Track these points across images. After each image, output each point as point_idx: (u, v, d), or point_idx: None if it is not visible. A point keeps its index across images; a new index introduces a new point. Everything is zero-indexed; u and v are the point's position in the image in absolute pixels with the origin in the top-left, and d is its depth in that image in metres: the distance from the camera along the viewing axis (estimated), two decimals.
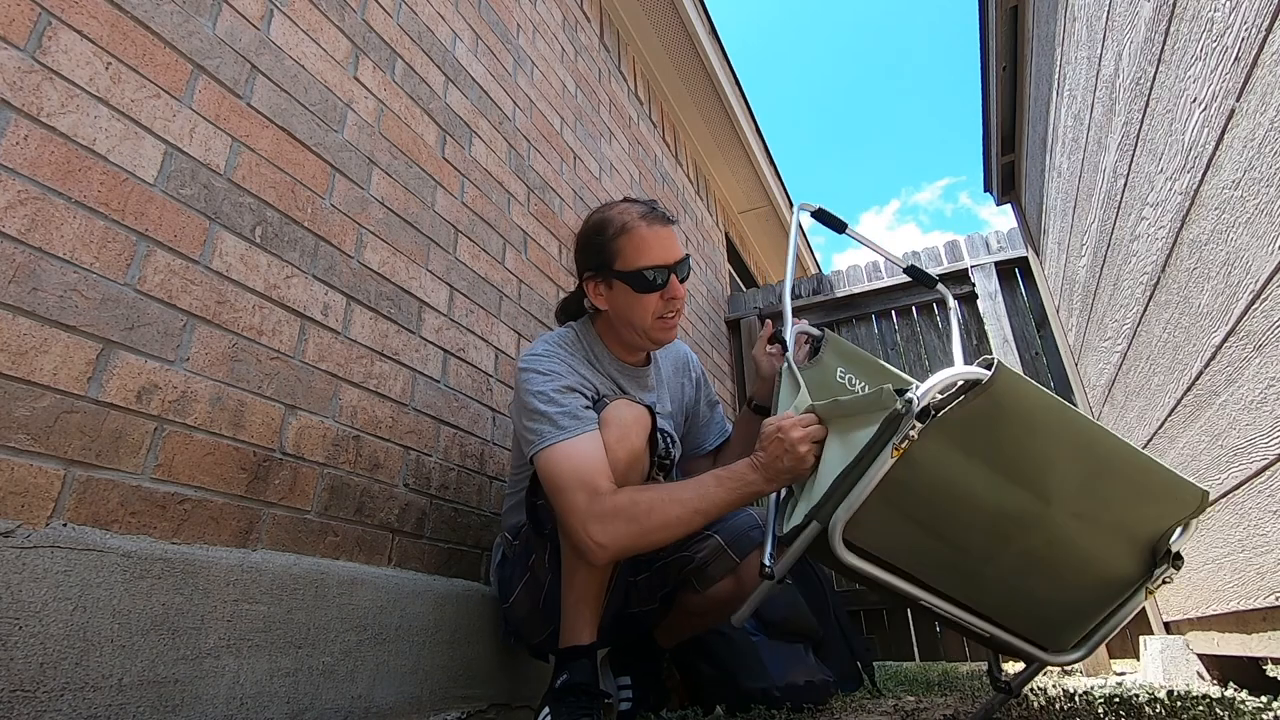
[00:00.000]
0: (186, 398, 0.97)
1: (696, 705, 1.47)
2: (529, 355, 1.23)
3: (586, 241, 1.27)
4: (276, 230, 1.17)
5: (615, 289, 1.23)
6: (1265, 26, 0.85)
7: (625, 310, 1.24)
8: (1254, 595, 1.20)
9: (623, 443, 1.10)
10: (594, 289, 1.27)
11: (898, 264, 1.71)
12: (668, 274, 1.21)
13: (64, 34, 0.90)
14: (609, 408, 1.14)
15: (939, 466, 0.86)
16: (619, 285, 1.22)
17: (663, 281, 1.21)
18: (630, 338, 1.28)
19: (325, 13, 1.39)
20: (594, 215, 1.30)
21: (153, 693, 0.83)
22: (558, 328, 1.39)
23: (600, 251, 1.23)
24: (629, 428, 1.12)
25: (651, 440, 1.16)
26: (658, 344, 1.31)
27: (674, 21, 3.39)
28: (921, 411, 0.80)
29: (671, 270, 1.22)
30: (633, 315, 1.24)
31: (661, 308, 1.23)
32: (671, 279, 1.22)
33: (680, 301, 1.24)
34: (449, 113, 1.75)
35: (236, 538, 1.00)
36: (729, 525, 1.27)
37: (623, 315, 1.25)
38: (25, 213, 0.83)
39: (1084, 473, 0.85)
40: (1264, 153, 0.90)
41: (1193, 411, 1.36)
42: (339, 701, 1.06)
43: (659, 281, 1.21)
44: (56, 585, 0.76)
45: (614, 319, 1.28)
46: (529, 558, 1.25)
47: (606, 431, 1.11)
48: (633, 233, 1.21)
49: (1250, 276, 1.00)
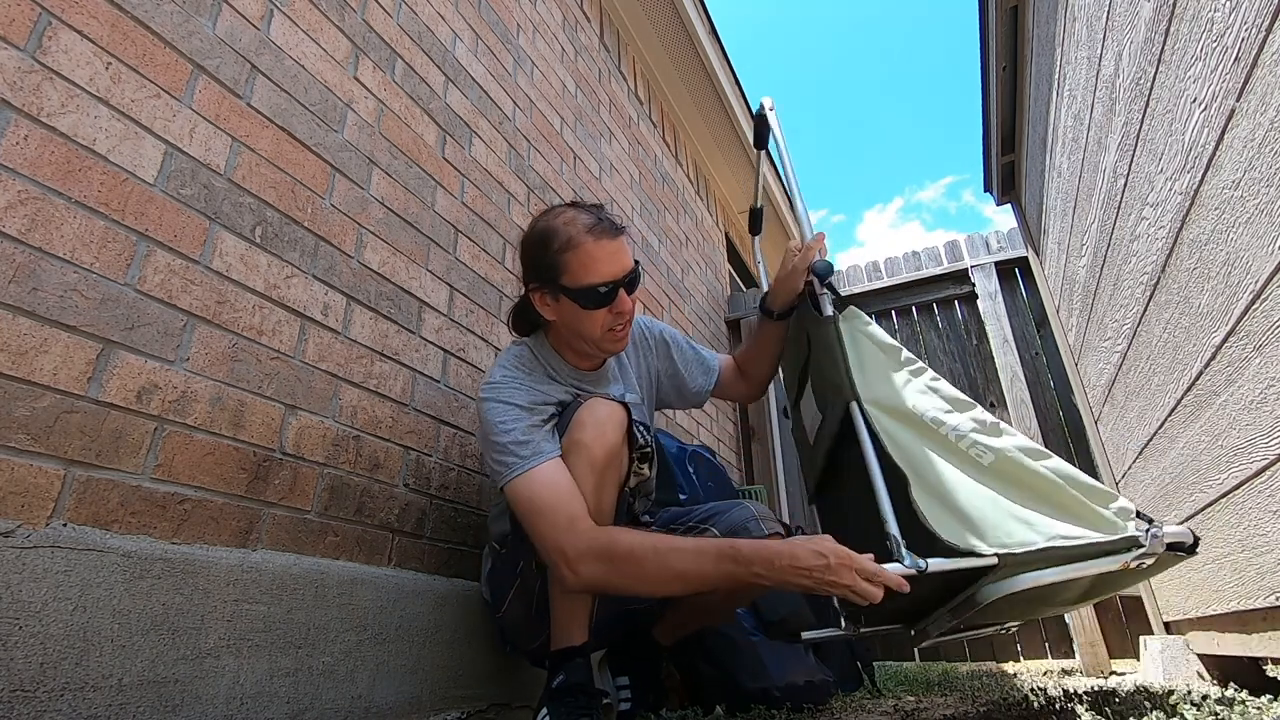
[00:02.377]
0: (186, 398, 0.97)
1: (696, 705, 1.47)
2: (487, 385, 1.21)
3: (531, 252, 1.22)
4: (276, 230, 1.17)
5: (562, 302, 1.19)
6: (1265, 26, 0.85)
7: (574, 324, 1.21)
8: (1254, 595, 1.20)
9: (599, 441, 1.09)
10: (540, 300, 1.23)
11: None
12: (615, 289, 1.17)
13: (64, 34, 0.90)
14: (582, 408, 1.13)
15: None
16: (566, 300, 1.18)
17: (611, 297, 1.17)
18: (581, 348, 1.27)
19: (325, 13, 1.39)
20: (539, 223, 1.24)
21: (153, 693, 0.83)
22: (513, 339, 1.36)
23: (546, 265, 1.18)
24: (604, 425, 1.11)
25: (630, 435, 1.15)
26: (609, 354, 1.29)
27: (674, 21, 3.39)
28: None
29: (619, 285, 1.17)
30: (581, 329, 1.21)
31: (610, 321, 1.19)
32: (620, 294, 1.18)
33: (628, 315, 1.21)
34: (449, 113, 1.75)
35: (236, 538, 1.00)
36: (726, 518, 1.27)
37: (571, 328, 1.22)
38: (25, 213, 0.83)
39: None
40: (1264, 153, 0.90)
41: (1193, 411, 1.36)
42: (339, 701, 1.06)
43: (607, 297, 1.16)
44: (56, 585, 0.76)
45: (563, 330, 1.25)
46: (517, 564, 1.24)
47: (582, 432, 1.10)
48: (579, 248, 1.16)
49: (1250, 276, 1.00)
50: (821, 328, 1.27)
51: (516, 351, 1.29)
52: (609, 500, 1.13)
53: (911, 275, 3.46)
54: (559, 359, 1.29)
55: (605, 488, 1.11)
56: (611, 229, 1.19)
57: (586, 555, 1.01)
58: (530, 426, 1.13)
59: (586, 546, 1.01)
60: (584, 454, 1.08)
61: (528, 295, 1.26)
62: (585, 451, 1.08)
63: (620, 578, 1.01)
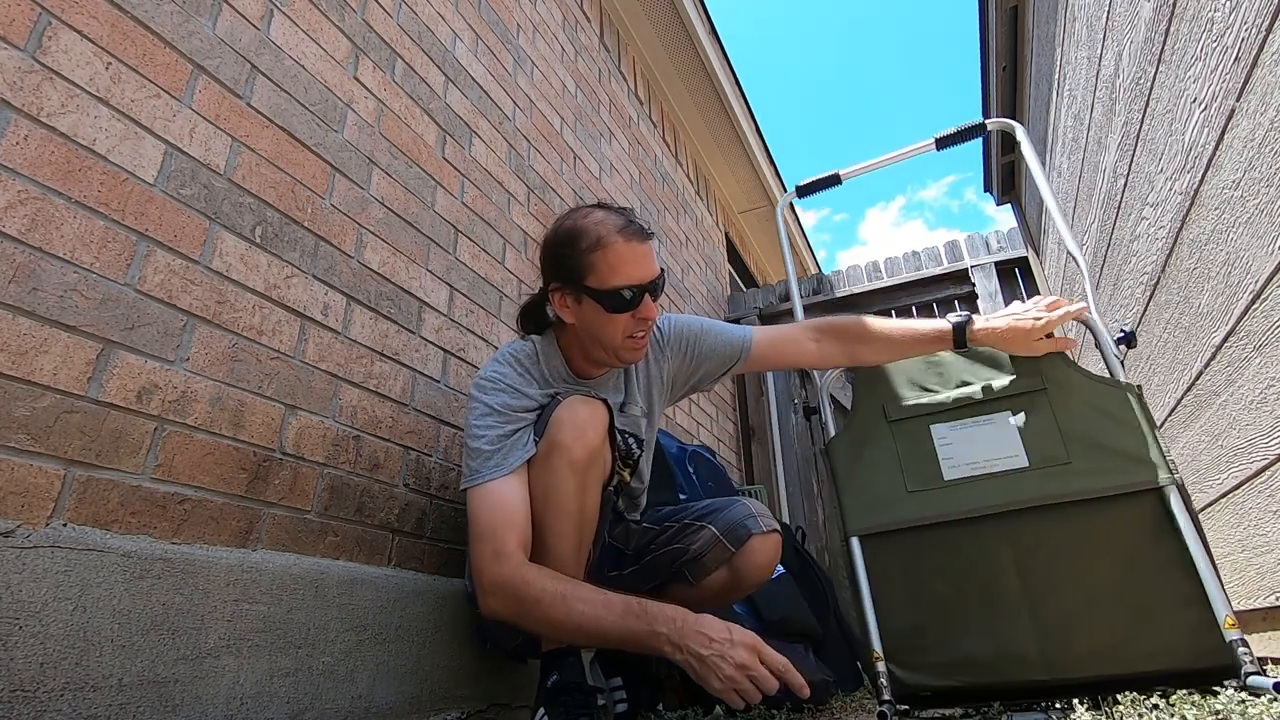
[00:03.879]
0: (186, 398, 0.97)
1: (696, 705, 1.47)
2: (479, 378, 1.19)
3: (556, 251, 1.18)
4: (276, 230, 1.17)
5: (584, 305, 1.16)
6: (1265, 26, 0.85)
7: (594, 328, 1.17)
8: (1254, 595, 1.20)
9: (580, 441, 1.06)
10: (560, 300, 1.18)
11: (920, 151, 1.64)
12: (641, 294, 1.13)
13: (64, 34, 0.90)
14: (561, 407, 1.09)
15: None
16: (589, 302, 1.15)
17: (637, 302, 1.13)
18: (597, 355, 1.22)
19: (325, 13, 1.39)
20: (566, 222, 1.19)
21: (153, 693, 0.83)
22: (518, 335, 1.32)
23: (571, 265, 1.14)
24: (584, 426, 1.07)
25: (611, 437, 1.12)
26: (626, 363, 1.25)
27: (674, 21, 3.39)
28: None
29: (646, 290, 1.14)
30: (601, 334, 1.16)
31: (633, 327, 1.16)
32: (645, 299, 1.14)
33: (652, 322, 1.18)
34: (449, 113, 1.75)
35: (236, 538, 1.00)
36: (725, 516, 1.25)
37: (590, 332, 1.18)
38: (25, 213, 0.83)
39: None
40: (1264, 153, 0.90)
41: (1193, 411, 1.36)
42: (339, 701, 1.06)
43: (633, 302, 1.13)
44: (56, 585, 0.76)
45: (580, 334, 1.21)
46: None
47: (561, 433, 1.07)
48: (609, 248, 1.12)
49: (1250, 276, 1.00)
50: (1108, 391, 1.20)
51: (518, 347, 1.26)
52: (593, 502, 1.11)
53: (911, 275, 3.46)
54: (561, 362, 1.26)
55: (589, 489, 1.09)
56: (641, 233, 1.16)
57: (498, 591, 1.01)
58: (501, 436, 1.11)
59: (502, 583, 1.01)
60: (564, 456, 1.05)
61: (547, 296, 1.22)
62: (566, 454, 1.05)
63: (525, 620, 1.02)
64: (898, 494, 1.26)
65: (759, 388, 3.64)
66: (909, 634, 1.17)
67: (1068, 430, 1.18)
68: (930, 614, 1.17)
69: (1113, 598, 1.07)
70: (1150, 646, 1.03)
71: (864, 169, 1.74)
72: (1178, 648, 1.01)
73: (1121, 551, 1.08)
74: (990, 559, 1.16)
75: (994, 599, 1.14)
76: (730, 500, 1.32)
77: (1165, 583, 1.05)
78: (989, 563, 1.16)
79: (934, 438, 1.27)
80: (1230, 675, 0.96)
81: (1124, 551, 1.08)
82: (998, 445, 1.22)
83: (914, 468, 1.27)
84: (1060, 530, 1.13)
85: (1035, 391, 1.23)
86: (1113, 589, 1.07)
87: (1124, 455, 1.12)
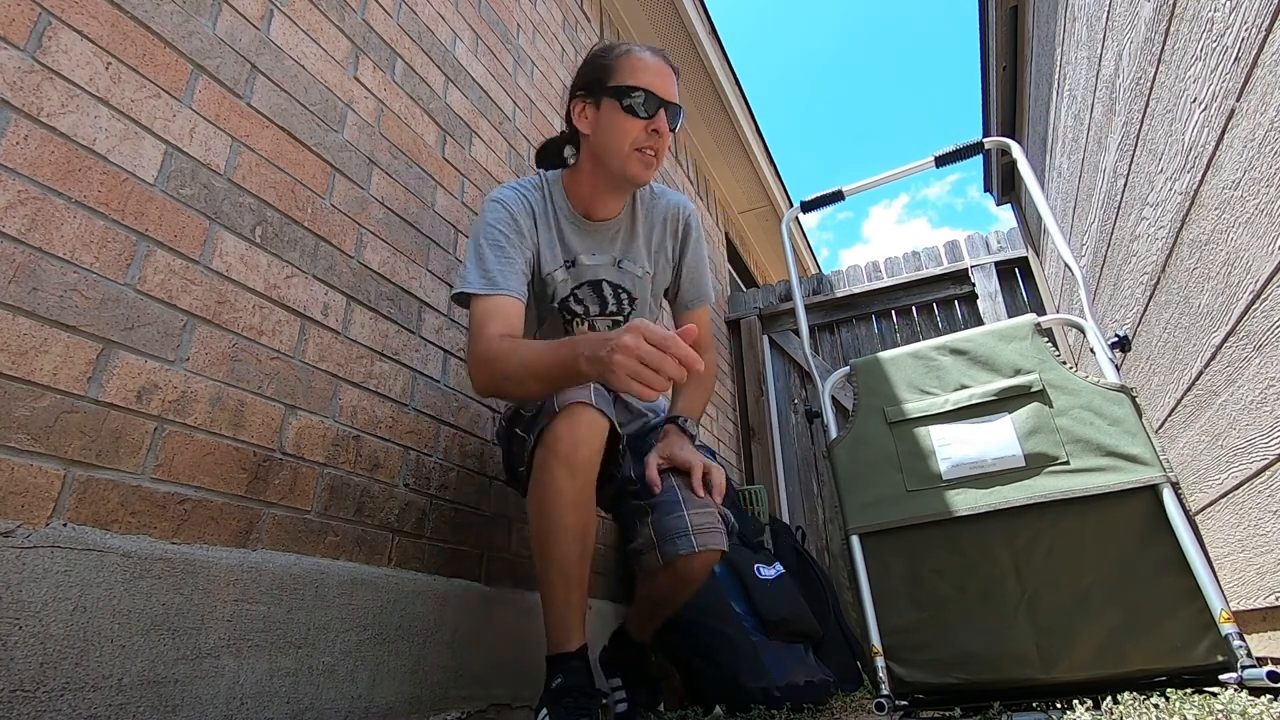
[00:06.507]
0: (186, 398, 0.97)
1: (696, 705, 1.47)
2: (490, 197, 1.28)
3: (586, 64, 1.28)
4: (276, 230, 1.17)
5: (602, 109, 1.22)
6: (1265, 26, 0.85)
7: (606, 135, 1.22)
8: (1254, 595, 1.20)
9: (575, 455, 1.05)
10: (580, 111, 1.26)
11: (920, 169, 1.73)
12: (658, 105, 1.20)
13: (64, 34, 0.90)
14: (559, 418, 1.05)
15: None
16: (606, 105, 1.21)
17: (651, 110, 1.19)
18: (606, 178, 1.27)
19: (325, 13, 1.39)
20: (597, 46, 1.31)
21: (153, 693, 0.83)
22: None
23: (596, 70, 1.24)
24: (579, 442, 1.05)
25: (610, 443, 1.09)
26: (634, 182, 1.26)
27: (674, 21, 3.39)
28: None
29: (663, 104, 1.20)
30: (613, 140, 1.21)
31: (644, 139, 1.20)
32: (660, 112, 1.20)
33: (664, 140, 1.22)
34: (449, 113, 1.75)
35: (236, 538, 1.00)
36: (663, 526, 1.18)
37: (603, 142, 1.23)
38: (25, 213, 0.83)
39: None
40: (1264, 153, 0.90)
41: (1193, 412, 1.36)
42: (339, 701, 1.06)
43: (648, 107, 1.19)
44: (56, 585, 0.76)
45: (594, 149, 1.26)
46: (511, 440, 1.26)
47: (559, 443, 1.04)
48: (634, 56, 1.22)
49: (1250, 276, 1.00)
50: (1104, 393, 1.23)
51: (530, 179, 1.34)
52: (592, 513, 1.11)
53: (911, 275, 3.46)
54: (564, 198, 1.31)
55: (585, 488, 1.08)
56: (669, 61, 1.25)
57: (477, 363, 1.12)
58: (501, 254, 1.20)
59: (478, 356, 1.11)
60: (564, 462, 1.05)
61: (569, 112, 1.30)
62: (565, 461, 1.05)
63: (495, 381, 1.11)
64: (897, 493, 1.27)
65: (759, 388, 3.64)
66: (907, 630, 1.19)
67: (1064, 431, 1.21)
68: (929, 611, 1.19)
69: (1109, 595, 1.08)
70: (1146, 643, 1.04)
71: (866, 185, 1.85)
72: (1174, 644, 1.02)
73: (1117, 549, 1.10)
74: (988, 557, 1.18)
75: (992, 597, 1.15)
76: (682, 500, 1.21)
77: (1161, 579, 1.07)
78: (987, 561, 1.18)
79: (933, 438, 1.29)
80: (1226, 670, 0.97)
81: (1120, 549, 1.10)
82: (995, 445, 1.24)
83: (913, 468, 1.28)
84: (1057, 528, 1.15)
85: (1032, 393, 1.25)
86: (1109, 586, 1.09)
87: (1119, 455, 1.15)
